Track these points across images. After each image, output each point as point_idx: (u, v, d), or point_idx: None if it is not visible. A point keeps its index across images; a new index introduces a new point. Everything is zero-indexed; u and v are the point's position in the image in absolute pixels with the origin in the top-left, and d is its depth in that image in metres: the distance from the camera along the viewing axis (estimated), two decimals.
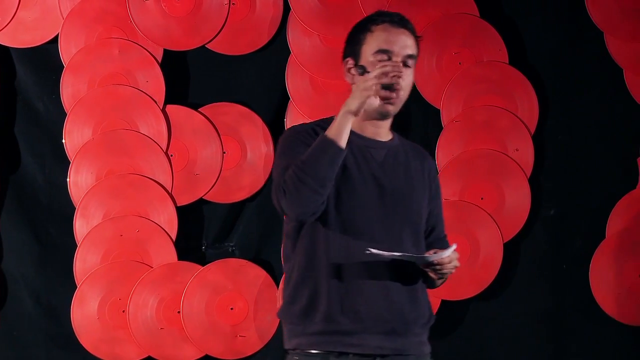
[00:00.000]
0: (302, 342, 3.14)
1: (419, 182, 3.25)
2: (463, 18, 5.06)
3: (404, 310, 3.15)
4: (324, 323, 3.10)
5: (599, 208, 5.08)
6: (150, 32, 4.99)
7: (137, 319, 4.93)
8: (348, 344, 3.09)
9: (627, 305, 5.07)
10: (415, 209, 3.21)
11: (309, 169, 2.99)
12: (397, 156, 3.23)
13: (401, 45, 3.15)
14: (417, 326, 3.20)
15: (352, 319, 3.09)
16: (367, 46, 3.16)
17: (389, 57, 3.13)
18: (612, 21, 5.08)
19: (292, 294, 3.16)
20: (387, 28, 3.17)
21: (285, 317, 3.19)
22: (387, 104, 3.15)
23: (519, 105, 5.07)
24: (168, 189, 4.98)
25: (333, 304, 3.09)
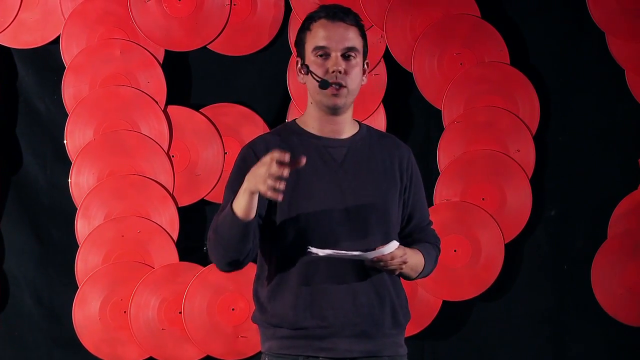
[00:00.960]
0: (272, 345, 3.17)
1: (386, 175, 3.21)
2: (464, 19, 5.06)
3: (373, 312, 3.14)
4: (292, 329, 3.12)
5: (601, 209, 5.08)
6: (152, 32, 5.00)
7: (138, 320, 4.94)
8: (317, 348, 3.11)
9: (628, 306, 5.07)
10: (381, 205, 3.17)
11: (221, 239, 3.05)
12: (359, 152, 3.20)
13: (338, 39, 3.13)
14: (388, 327, 3.18)
15: (319, 324, 3.10)
16: (308, 45, 3.17)
17: (325, 53, 3.13)
18: (613, 22, 5.08)
19: (262, 301, 3.17)
20: (323, 24, 3.15)
21: (259, 322, 3.21)
22: (334, 97, 3.14)
23: (520, 105, 5.07)
24: (169, 189, 4.98)
25: (301, 310, 3.11)
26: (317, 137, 3.19)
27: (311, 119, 3.22)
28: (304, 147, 3.16)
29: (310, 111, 3.23)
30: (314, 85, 3.15)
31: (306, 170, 3.09)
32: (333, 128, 3.20)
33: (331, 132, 3.20)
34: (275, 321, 3.14)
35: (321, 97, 3.15)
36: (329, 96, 3.14)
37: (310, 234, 3.10)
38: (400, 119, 5.06)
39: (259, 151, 3.13)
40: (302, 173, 3.10)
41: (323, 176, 3.14)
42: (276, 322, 3.14)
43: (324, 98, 3.15)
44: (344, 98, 3.15)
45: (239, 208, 2.99)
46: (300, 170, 3.05)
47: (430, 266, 3.30)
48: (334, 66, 3.11)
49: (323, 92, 3.13)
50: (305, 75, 3.18)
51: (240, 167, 3.15)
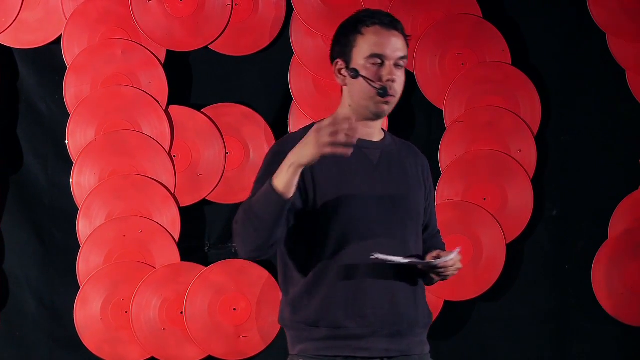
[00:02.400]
0: (307, 347, 3.13)
1: (414, 180, 3.24)
2: (466, 19, 5.06)
3: (408, 312, 3.15)
4: (331, 329, 3.09)
5: (602, 209, 5.08)
6: (153, 32, 5.00)
7: (140, 320, 4.93)
8: (356, 348, 3.09)
9: (629, 306, 5.07)
10: (414, 209, 3.21)
11: (255, 218, 2.95)
12: (391, 156, 3.21)
13: (393, 48, 3.13)
14: (419, 326, 3.20)
15: (359, 323, 3.09)
16: (358, 49, 3.14)
17: (381, 61, 3.12)
18: (614, 22, 5.08)
19: (295, 301, 3.14)
20: (378, 31, 3.14)
21: (290, 324, 3.17)
22: (383, 104, 3.13)
23: (521, 106, 5.08)
24: (171, 189, 4.98)
25: (339, 309, 3.08)
26: None
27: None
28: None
29: (346, 112, 3.19)
30: (362, 90, 3.13)
31: (344, 169, 3.10)
32: (367, 131, 3.20)
33: (365, 135, 3.19)
34: (312, 321, 3.10)
35: (369, 102, 3.14)
36: (379, 103, 3.13)
37: (348, 233, 3.08)
38: (402, 118, 5.06)
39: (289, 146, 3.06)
40: (341, 171, 3.10)
41: (361, 176, 3.14)
42: (312, 322, 3.10)
43: (372, 104, 3.14)
44: (391, 106, 3.17)
45: (280, 182, 2.91)
46: (339, 168, 3.06)
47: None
48: (388, 75, 3.11)
49: (374, 98, 3.12)
50: (350, 78, 3.15)
51: (271, 162, 3.09)
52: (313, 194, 3.08)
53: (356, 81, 3.13)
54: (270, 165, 3.10)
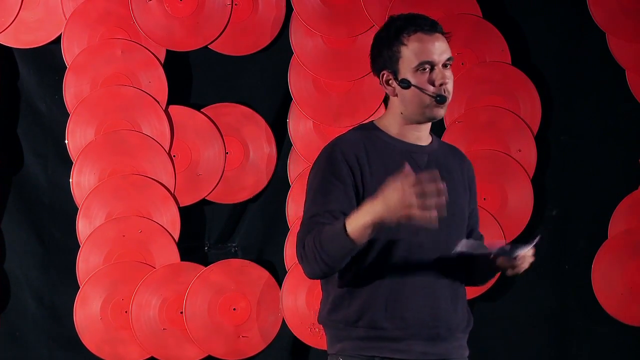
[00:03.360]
0: (346, 346, 3.13)
1: (460, 184, 3.24)
2: (466, 19, 5.06)
3: (449, 316, 3.15)
4: (369, 329, 3.09)
5: (602, 208, 5.08)
6: (153, 32, 4.99)
7: (139, 320, 4.93)
8: (394, 349, 3.09)
9: (629, 306, 5.07)
10: (460, 214, 3.20)
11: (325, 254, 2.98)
12: (438, 160, 3.20)
13: (439, 52, 3.13)
14: (459, 331, 3.20)
15: (398, 325, 3.09)
16: (405, 60, 3.13)
17: (431, 67, 3.11)
18: (614, 21, 5.08)
19: (335, 300, 3.14)
20: (421, 38, 3.13)
21: (329, 323, 3.17)
22: (439, 108, 3.13)
23: (521, 105, 5.08)
24: (171, 189, 4.98)
25: (379, 310, 3.08)
26: (400, 142, 3.17)
27: (395, 125, 3.17)
28: (389, 151, 3.14)
29: (397, 119, 3.18)
30: (416, 99, 3.12)
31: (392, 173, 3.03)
32: (417, 135, 3.19)
33: (415, 139, 3.18)
34: (352, 320, 3.10)
35: (424, 109, 3.12)
36: (435, 108, 3.12)
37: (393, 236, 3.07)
38: None
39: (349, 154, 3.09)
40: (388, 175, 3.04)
41: None
42: (352, 322, 3.10)
43: (429, 110, 3.13)
44: (446, 108, 3.16)
45: (356, 233, 2.93)
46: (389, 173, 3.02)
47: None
48: (441, 79, 3.10)
49: (430, 105, 3.11)
50: (401, 89, 3.13)
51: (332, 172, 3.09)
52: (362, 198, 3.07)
53: (408, 91, 3.12)
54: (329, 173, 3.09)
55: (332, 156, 3.11)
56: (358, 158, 3.09)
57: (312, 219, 3.06)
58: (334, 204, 3.05)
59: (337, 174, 3.07)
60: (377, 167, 3.09)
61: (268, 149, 5.04)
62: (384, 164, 3.08)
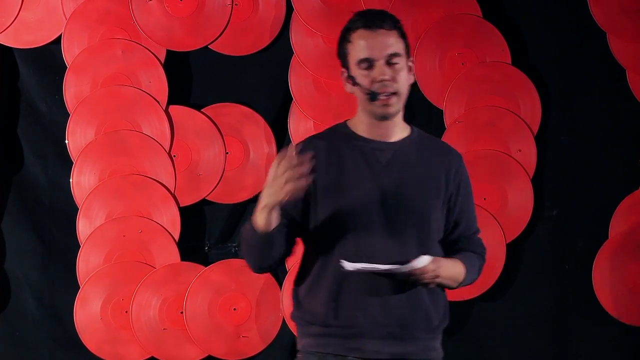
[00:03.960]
0: (306, 343, 3.22)
1: (430, 180, 3.22)
2: (466, 19, 5.06)
3: (403, 315, 3.14)
4: (322, 327, 3.15)
5: (602, 209, 5.08)
6: (153, 32, 5.00)
7: (140, 320, 4.94)
8: (347, 347, 3.13)
9: (629, 306, 5.07)
10: (422, 210, 3.18)
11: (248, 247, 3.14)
12: (405, 156, 3.20)
13: (380, 47, 3.12)
14: (421, 330, 3.18)
15: (348, 323, 3.13)
16: (350, 57, 3.17)
17: (370, 64, 3.12)
18: (614, 21, 5.08)
19: (299, 297, 3.22)
20: (362, 34, 3.14)
21: (295, 319, 3.26)
22: (383, 105, 3.14)
23: (521, 105, 5.07)
24: (171, 189, 4.98)
25: (331, 308, 3.13)
26: (365, 140, 3.20)
27: (361, 123, 3.22)
28: (350, 150, 3.17)
29: (361, 116, 3.23)
30: (363, 97, 3.16)
31: (349, 173, 3.14)
32: (382, 132, 3.21)
33: (380, 136, 3.21)
34: (308, 318, 3.18)
35: (372, 107, 3.16)
36: (379, 106, 3.14)
37: (348, 235, 3.11)
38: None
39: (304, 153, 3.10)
40: (345, 175, 3.13)
41: (366, 179, 3.15)
42: (309, 319, 3.18)
43: (375, 108, 3.16)
44: (395, 105, 3.16)
45: (259, 222, 3.06)
46: (343, 172, 3.11)
47: (473, 275, 3.31)
48: (380, 75, 3.12)
49: (374, 102, 3.14)
50: (352, 86, 3.18)
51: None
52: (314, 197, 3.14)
53: (355, 87, 3.17)
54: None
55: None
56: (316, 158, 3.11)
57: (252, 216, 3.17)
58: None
59: None
60: (334, 166, 3.14)
61: (268, 149, 5.04)
62: (340, 164, 3.14)
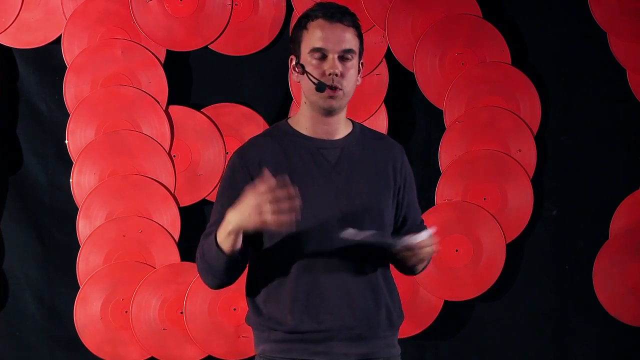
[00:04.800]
0: (266, 348, 3.14)
1: (379, 176, 3.19)
2: (466, 19, 5.06)
3: (369, 315, 3.12)
4: (287, 333, 3.10)
5: (602, 209, 5.08)
6: (153, 32, 5.00)
7: (139, 320, 4.94)
8: (313, 351, 3.09)
9: (630, 306, 5.07)
10: (375, 206, 3.15)
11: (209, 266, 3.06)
12: (352, 154, 3.17)
13: (336, 40, 3.08)
14: (383, 328, 3.16)
15: (316, 327, 3.08)
16: (304, 44, 3.11)
17: (323, 54, 3.08)
18: (615, 22, 5.08)
19: (256, 303, 3.16)
20: (321, 24, 3.10)
21: (252, 324, 3.19)
22: (329, 99, 3.10)
23: (521, 106, 5.07)
24: (171, 189, 4.98)
25: (297, 314, 3.08)
26: (309, 139, 3.15)
27: (304, 119, 3.18)
28: (296, 150, 3.13)
29: (304, 111, 3.18)
30: (309, 86, 3.11)
31: (299, 173, 3.08)
32: (326, 129, 3.16)
33: (324, 133, 3.16)
34: (271, 324, 3.12)
35: (317, 98, 3.11)
36: (325, 98, 3.10)
37: (304, 237, 3.06)
38: (402, 119, 5.06)
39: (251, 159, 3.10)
40: (295, 176, 3.07)
41: (316, 179, 3.11)
42: (272, 325, 3.12)
43: (320, 100, 3.11)
44: (339, 100, 3.12)
45: (225, 244, 2.99)
46: (293, 173, 3.05)
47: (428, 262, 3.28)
48: (330, 68, 3.07)
49: (319, 93, 3.10)
50: (300, 75, 3.13)
51: (229, 180, 3.14)
52: None
53: (304, 77, 3.11)
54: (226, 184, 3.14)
55: (231, 163, 3.15)
56: (260, 162, 3.08)
57: (208, 229, 3.11)
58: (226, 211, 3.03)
59: (233, 182, 3.08)
60: (282, 169, 3.07)
61: None
62: (289, 165, 3.08)
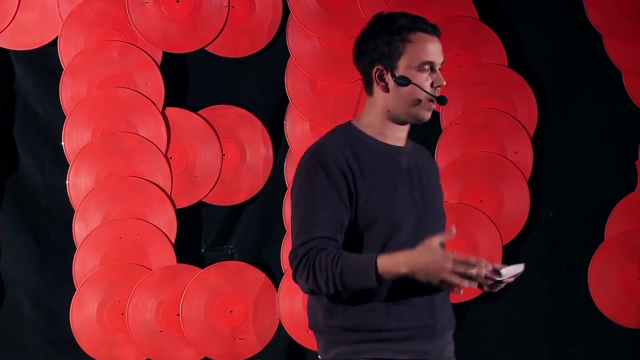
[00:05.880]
0: (344, 350, 3.10)
1: (435, 184, 3.25)
2: (462, 21, 5.06)
3: (442, 315, 3.16)
4: (371, 332, 3.07)
5: (598, 211, 5.08)
6: (150, 34, 4.99)
7: (136, 322, 4.93)
8: (396, 350, 3.08)
9: (626, 308, 5.07)
10: (440, 213, 3.22)
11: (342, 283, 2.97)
12: (416, 162, 3.20)
13: (439, 54, 3.13)
14: (449, 328, 3.22)
15: (399, 326, 3.08)
16: (406, 56, 3.09)
17: (431, 68, 3.10)
18: (611, 24, 5.09)
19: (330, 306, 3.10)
20: (426, 38, 3.11)
21: (325, 328, 3.13)
22: (429, 110, 3.13)
23: (518, 107, 5.08)
24: (167, 191, 4.98)
25: (381, 312, 3.07)
26: (382, 144, 3.14)
27: (378, 124, 3.14)
28: (374, 154, 3.11)
29: (381, 118, 3.14)
30: (410, 97, 3.10)
31: (382, 178, 3.07)
32: (397, 136, 3.16)
33: (395, 140, 3.16)
34: (351, 325, 3.08)
35: (416, 109, 3.11)
36: (426, 110, 3.12)
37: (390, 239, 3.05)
38: None
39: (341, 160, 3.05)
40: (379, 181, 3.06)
41: (397, 183, 3.11)
42: (351, 326, 3.08)
43: (421, 111, 3.11)
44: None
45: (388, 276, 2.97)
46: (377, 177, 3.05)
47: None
48: (440, 81, 3.11)
49: (425, 105, 3.10)
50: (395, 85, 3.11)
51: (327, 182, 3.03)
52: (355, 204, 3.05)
53: (405, 89, 3.09)
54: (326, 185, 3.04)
55: (323, 162, 3.05)
56: (348, 162, 3.05)
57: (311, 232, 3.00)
58: (334, 214, 3.01)
59: (332, 182, 3.02)
60: (367, 170, 3.06)
61: (265, 151, 5.04)
62: (372, 168, 3.06)
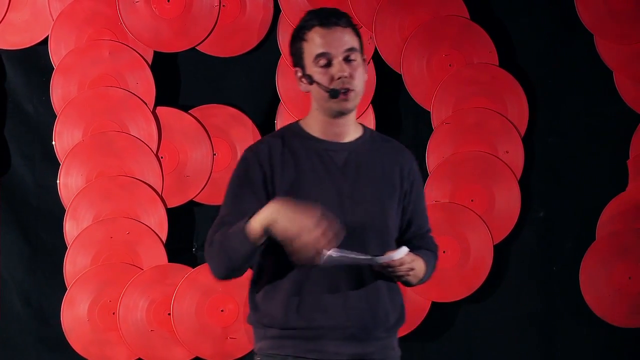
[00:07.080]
0: (263, 345, 3.22)
1: (385, 180, 3.24)
2: (453, 20, 5.06)
3: (363, 316, 3.16)
4: (282, 329, 3.15)
5: (589, 210, 5.09)
6: (141, 34, 4.99)
7: (127, 321, 4.93)
8: (306, 349, 3.14)
9: (617, 307, 5.08)
10: (379, 210, 3.20)
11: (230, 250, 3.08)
12: (360, 157, 3.22)
13: (337, 43, 3.15)
14: (380, 330, 3.20)
15: (309, 325, 3.13)
16: (306, 55, 3.18)
17: (328, 59, 3.14)
18: (601, 23, 5.09)
19: (255, 301, 3.22)
20: (319, 32, 3.16)
21: (252, 322, 3.26)
22: (343, 101, 3.16)
23: (509, 107, 5.08)
24: (158, 190, 4.97)
25: (291, 310, 3.14)
26: (319, 140, 3.21)
27: (315, 122, 3.24)
28: (306, 151, 3.18)
29: (315, 115, 3.24)
30: (320, 94, 3.17)
31: (306, 174, 3.14)
32: (336, 131, 3.22)
33: (334, 136, 3.22)
34: (266, 321, 3.18)
35: (331, 104, 3.17)
36: (339, 102, 3.16)
37: None
38: (389, 120, 5.06)
39: (263, 156, 3.16)
40: (302, 176, 3.14)
41: (323, 180, 3.16)
42: (267, 322, 3.18)
43: (334, 105, 3.17)
44: (353, 100, 3.18)
45: (255, 234, 3.03)
46: (300, 173, 3.12)
47: (429, 273, 3.34)
48: (338, 72, 3.14)
49: (333, 99, 3.15)
50: (308, 85, 3.19)
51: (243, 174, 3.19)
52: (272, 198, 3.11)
53: (313, 86, 3.18)
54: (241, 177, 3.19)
55: (244, 160, 3.21)
56: (271, 159, 3.15)
57: (223, 219, 3.15)
58: (245, 204, 3.12)
59: (247, 177, 3.15)
60: (290, 167, 3.15)
61: None
62: (297, 165, 3.15)
